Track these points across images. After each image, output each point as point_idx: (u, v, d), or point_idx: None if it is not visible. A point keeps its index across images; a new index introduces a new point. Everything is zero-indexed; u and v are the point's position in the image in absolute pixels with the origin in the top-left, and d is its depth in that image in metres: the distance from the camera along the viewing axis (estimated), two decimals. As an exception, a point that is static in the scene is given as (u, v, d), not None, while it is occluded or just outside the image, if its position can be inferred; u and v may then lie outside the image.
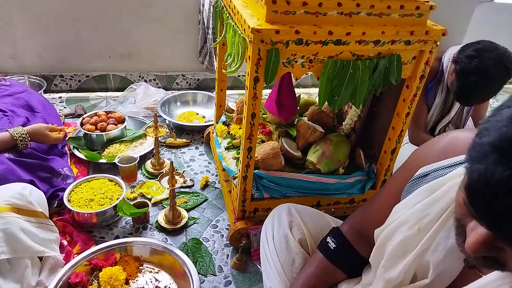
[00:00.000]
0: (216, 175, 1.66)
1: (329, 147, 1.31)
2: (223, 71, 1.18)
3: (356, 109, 1.40)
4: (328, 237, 0.91)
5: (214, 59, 2.35)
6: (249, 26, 0.96)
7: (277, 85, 1.35)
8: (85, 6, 2.04)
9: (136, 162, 1.53)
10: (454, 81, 1.41)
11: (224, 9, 1.26)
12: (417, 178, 0.76)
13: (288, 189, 1.29)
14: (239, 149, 1.40)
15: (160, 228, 1.36)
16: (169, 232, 1.36)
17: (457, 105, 1.58)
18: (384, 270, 0.74)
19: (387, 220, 0.78)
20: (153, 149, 1.69)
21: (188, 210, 1.45)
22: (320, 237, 1.06)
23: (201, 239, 1.34)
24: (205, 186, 1.59)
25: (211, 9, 2.20)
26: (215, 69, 2.40)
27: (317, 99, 1.57)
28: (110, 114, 1.77)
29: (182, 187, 1.56)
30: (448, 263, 0.66)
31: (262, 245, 1.02)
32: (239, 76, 2.51)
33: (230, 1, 1.15)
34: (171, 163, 1.23)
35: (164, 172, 1.32)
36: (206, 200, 1.52)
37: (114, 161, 1.53)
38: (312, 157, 1.32)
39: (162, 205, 1.46)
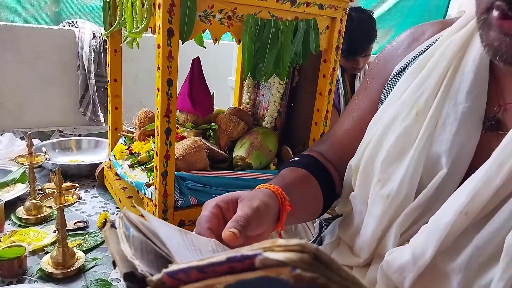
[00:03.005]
0: (118, 213, 1.31)
1: (257, 137, 1.14)
2: (126, 43, 0.97)
3: (275, 102, 1.29)
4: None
5: (99, 108, 2.08)
6: (157, -35, 0.81)
7: (187, 79, 1.19)
8: None
9: (2, 204, 1.12)
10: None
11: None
12: (394, 77, 0.65)
13: (219, 189, 1.05)
14: (148, 164, 1.14)
15: (46, 277, 0.95)
16: (59, 280, 0.95)
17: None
18: (381, 185, 0.56)
19: (366, 135, 0.64)
20: (25, 192, 1.28)
21: (85, 252, 1.06)
22: None
23: (109, 280, 0.97)
24: (105, 225, 1.22)
25: (92, 53, 2.00)
26: (101, 120, 2.13)
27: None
28: (-41, 162, 1.32)
29: (71, 230, 1.17)
30: (463, 137, 0.53)
31: None
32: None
33: (125, -28, 1.01)
34: (58, 169, 0.90)
35: (47, 192, 0.96)
36: (108, 238, 1.15)
37: (-34, 209, 1.09)
38: (239, 151, 1.13)
39: (46, 252, 1.05)
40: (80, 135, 2.10)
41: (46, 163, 1.47)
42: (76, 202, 0.95)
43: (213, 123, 1.22)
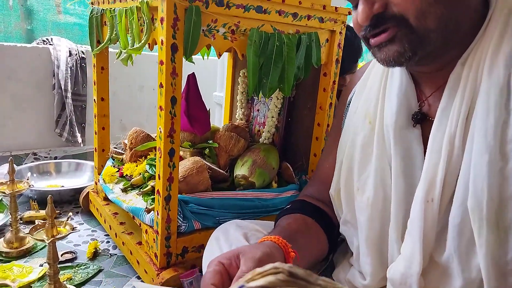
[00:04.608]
0: (108, 241, 1.22)
1: (259, 154, 1.10)
2: (120, 59, 0.91)
3: (273, 117, 1.25)
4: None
5: (76, 128, 1.97)
6: (160, -24, 0.76)
7: (183, 96, 1.13)
8: None
9: (-20, 238, 1.01)
10: None
11: (106, 10, 1.03)
12: (349, 101, 0.72)
13: (223, 211, 0.99)
14: (143, 187, 1.07)
15: (36, 318, 0.85)
16: (52, 321, 0.85)
17: None
18: (361, 192, 0.60)
19: (338, 157, 0.69)
20: (4, 223, 1.17)
21: (77, 286, 0.97)
22: None
23: (108, 318, 0.88)
24: (95, 255, 1.13)
25: (69, 71, 1.90)
26: (78, 141, 2.02)
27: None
28: None
29: (60, 262, 1.07)
30: (402, 130, 0.58)
31: None
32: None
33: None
34: (51, 198, 0.81)
35: (37, 224, 0.87)
36: (100, 270, 1.06)
37: None
38: (241, 170, 1.08)
39: (33, 290, 0.95)
40: (56, 157, 1.97)
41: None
42: (70, 233, 0.86)
43: (210, 141, 1.17)
